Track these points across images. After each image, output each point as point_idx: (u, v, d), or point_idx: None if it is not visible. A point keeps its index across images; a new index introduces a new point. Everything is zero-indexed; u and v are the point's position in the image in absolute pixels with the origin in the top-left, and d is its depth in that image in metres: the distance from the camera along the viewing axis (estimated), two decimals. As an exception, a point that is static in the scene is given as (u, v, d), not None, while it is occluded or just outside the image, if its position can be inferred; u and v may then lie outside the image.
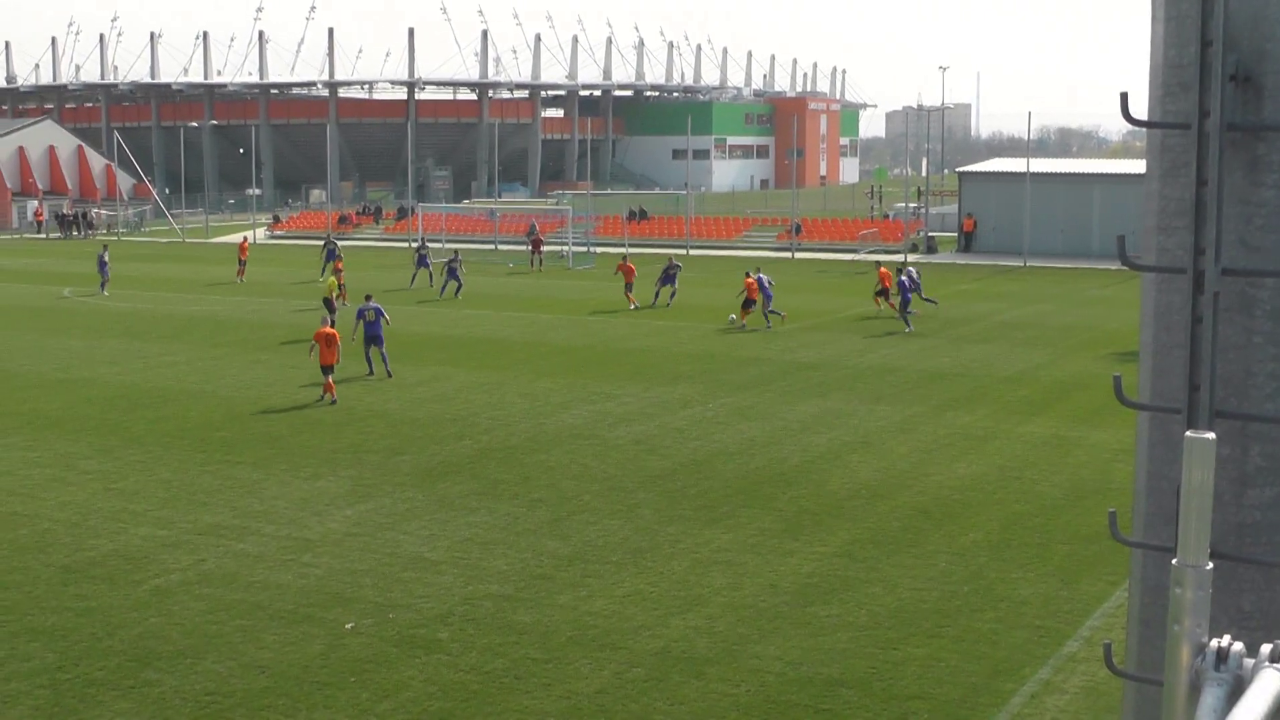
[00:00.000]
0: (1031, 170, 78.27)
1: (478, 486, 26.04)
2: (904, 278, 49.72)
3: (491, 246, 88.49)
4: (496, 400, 34.85)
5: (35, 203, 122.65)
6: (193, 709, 15.83)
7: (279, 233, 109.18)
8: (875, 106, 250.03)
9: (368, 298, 39.73)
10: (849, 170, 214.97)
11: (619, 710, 15.78)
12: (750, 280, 49.77)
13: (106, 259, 63.55)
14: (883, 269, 54.70)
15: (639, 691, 16.28)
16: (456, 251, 64.15)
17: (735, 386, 36.60)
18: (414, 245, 72.41)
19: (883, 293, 52.70)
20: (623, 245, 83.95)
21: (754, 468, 27.45)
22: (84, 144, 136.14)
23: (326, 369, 34.92)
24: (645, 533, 22.89)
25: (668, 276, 56.30)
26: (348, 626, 18.46)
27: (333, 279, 47.61)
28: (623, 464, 27.81)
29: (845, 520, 23.61)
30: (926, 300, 52.83)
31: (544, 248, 76.65)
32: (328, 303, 46.32)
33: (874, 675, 16.71)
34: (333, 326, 37.64)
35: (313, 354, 35.45)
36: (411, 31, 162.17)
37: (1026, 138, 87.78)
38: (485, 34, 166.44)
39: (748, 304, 49.34)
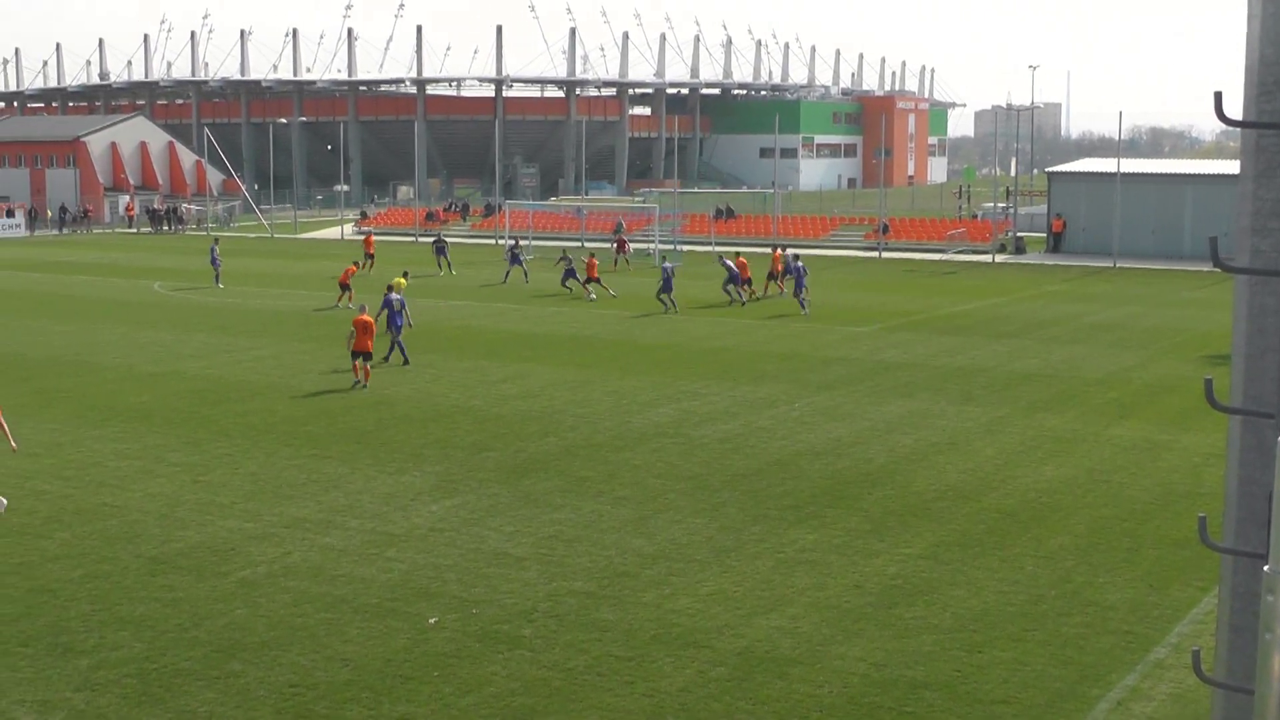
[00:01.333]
0: (1122, 170, 77.32)
1: (562, 483, 26.08)
2: (800, 264, 54.43)
3: (578, 244, 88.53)
4: (582, 397, 34.90)
5: (127, 198, 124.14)
6: (276, 700, 15.95)
7: (366, 229, 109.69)
8: (964, 105, 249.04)
9: (390, 289, 41.86)
10: (937, 170, 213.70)
11: (701, 709, 15.74)
12: (741, 259, 56.95)
13: (218, 252, 65.22)
14: (776, 252, 59.77)
15: (722, 691, 16.23)
16: (564, 251, 65.07)
17: (821, 386, 36.46)
18: (507, 243, 72.57)
19: (773, 275, 58.18)
20: (709, 244, 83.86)
21: (840, 468, 27.34)
22: (175, 140, 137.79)
23: (362, 355, 36.64)
24: (730, 532, 22.84)
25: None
26: (431, 621, 18.53)
27: (401, 279, 47.82)
28: (708, 463, 27.76)
29: (931, 521, 23.47)
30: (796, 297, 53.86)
31: (630, 246, 76.30)
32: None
33: (959, 678, 16.59)
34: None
35: (350, 341, 36.72)
36: (500, 29, 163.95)
37: (1117, 137, 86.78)
38: (573, 32, 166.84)
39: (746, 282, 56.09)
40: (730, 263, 56.43)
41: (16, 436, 30.22)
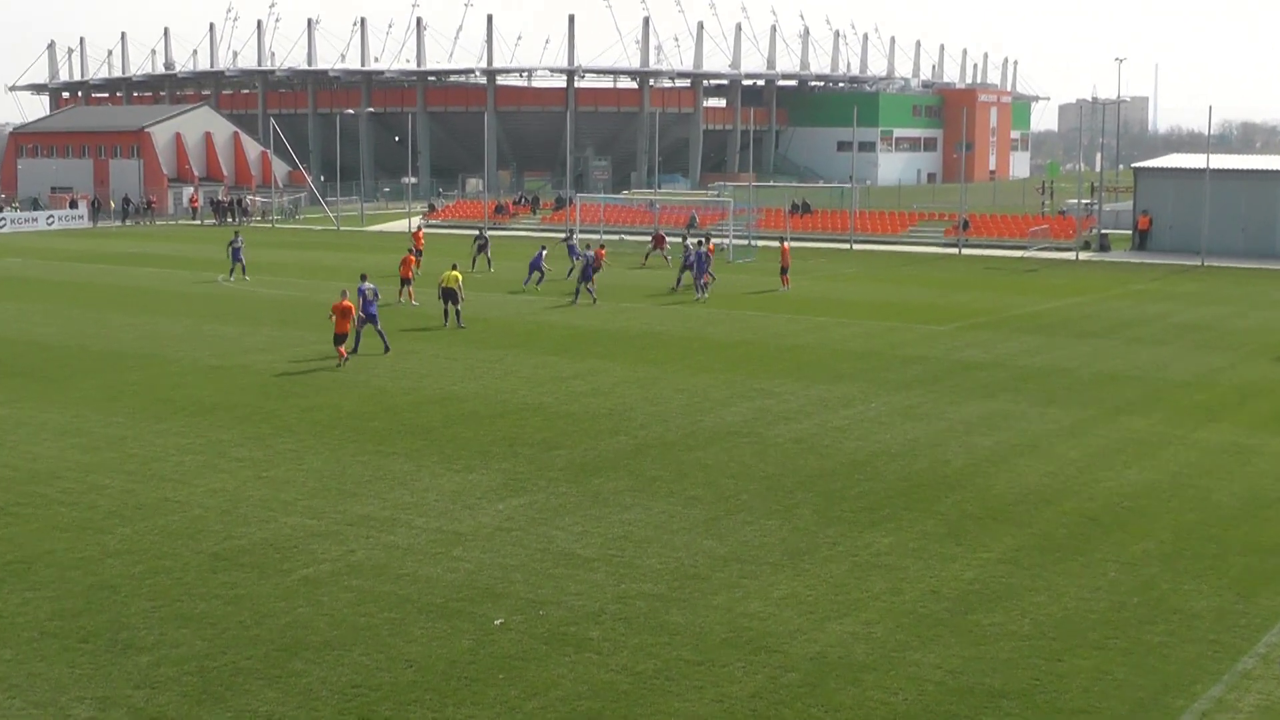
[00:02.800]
0: (1211, 166, 76.29)
1: (633, 483, 25.83)
2: (702, 250, 57.30)
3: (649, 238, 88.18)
4: (653, 395, 34.62)
5: (191, 189, 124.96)
6: (339, 700, 15.83)
7: (434, 222, 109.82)
8: (1048, 99, 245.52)
9: (363, 278, 42.43)
10: (1019, 165, 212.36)
11: (772, 715, 15.53)
12: (711, 246, 59.54)
13: (241, 243, 65.66)
14: (784, 245, 62.16)
15: (793, 697, 16.01)
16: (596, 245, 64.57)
17: (898, 385, 36.03)
18: (564, 237, 71.99)
19: (785, 269, 60.29)
20: (785, 239, 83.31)
21: (916, 469, 26.97)
22: (240, 131, 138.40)
23: (340, 337, 38.83)
24: (803, 534, 22.55)
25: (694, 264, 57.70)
26: (497, 622, 18.37)
27: (454, 272, 47.60)
28: (781, 463, 27.44)
29: (1010, 526, 23.09)
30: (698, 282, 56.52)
31: (668, 242, 74.84)
32: (450, 293, 46.92)
33: (1037, 687, 16.31)
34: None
35: (331, 319, 38.73)
36: (572, 19, 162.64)
37: (1206, 132, 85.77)
38: (647, 21, 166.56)
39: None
40: (702, 251, 57.53)
41: (81, 430, 30.45)
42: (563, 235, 70.34)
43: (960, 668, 16.83)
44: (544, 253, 59.95)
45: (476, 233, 76.39)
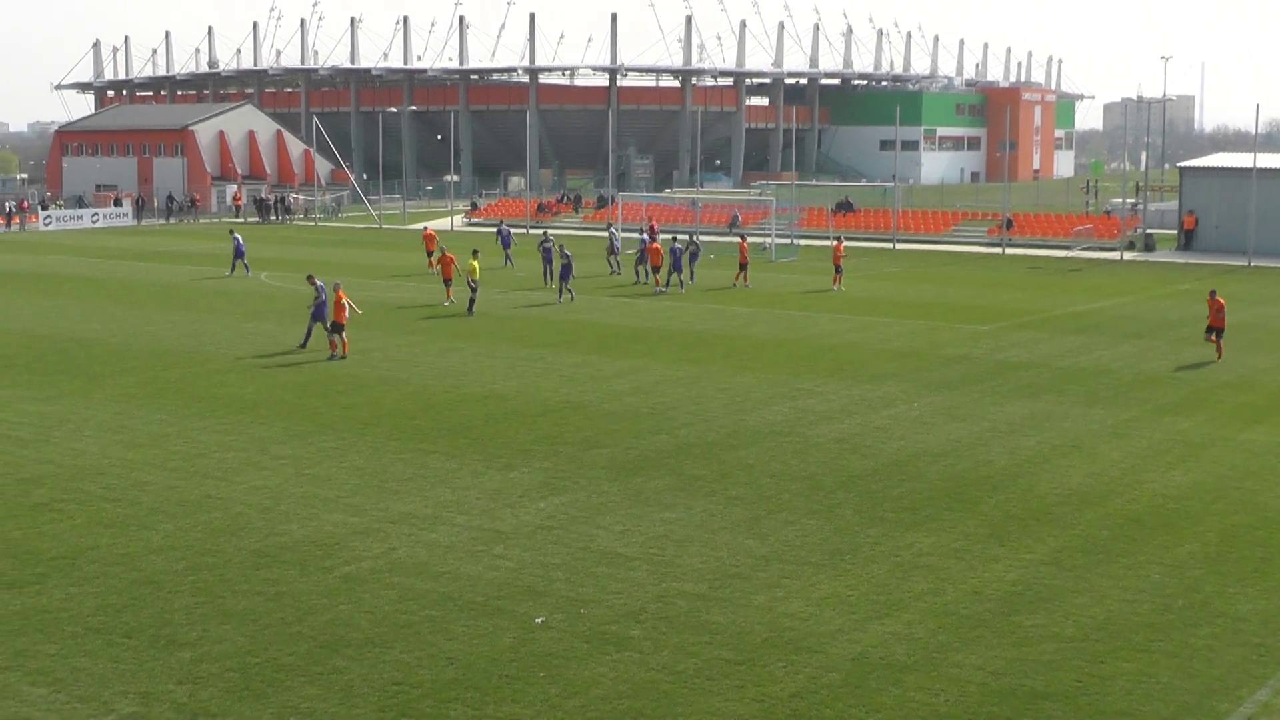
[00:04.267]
0: (1258, 165, 75.64)
1: (674, 482, 25.73)
2: (676, 246, 58.67)
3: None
4: (695, 394, 34.50)
5: (234, 187, 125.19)
6: (380, 698, 15.79)
7: (476, 220, 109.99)
8: (1092, 98, 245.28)
9: (310, 278, 42.69)
10: (1064, 164, 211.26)
11: (813, 715, 15.43)
12: (655, 245, 60.84)
13: (241, 240, 66.52)
14: (838, 244, 61.51)
15: (834, 697, 15.90)
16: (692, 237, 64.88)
17: (941, 385, 35.83)
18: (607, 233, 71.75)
19: (839, 268, 60.23)
20: (828, 238, 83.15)
21: (959, 470, 26.79)
22: (283, 129, 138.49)
23: (337, 326, 39.98)
24: (845, 534, 22.41)
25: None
26: (538, 620, 18.31)
27: (474, 262, 48.68)
28: (823, 463, 27.30)
29: (1053, 527, 22.90)
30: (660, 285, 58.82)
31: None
32: (474, 284, 49.30)
33: (1080, 689, 16.15)
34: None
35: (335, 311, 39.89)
36: (614, 17, 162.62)
37: (1254, 131, 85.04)
38: (689, 20, 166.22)
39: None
40: (677, 248, 58.57)
41: (124, 426, 30.55)
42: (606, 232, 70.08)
43: (1002, 669, 16.70)
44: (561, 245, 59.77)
45: (496, 227, 76.16)
